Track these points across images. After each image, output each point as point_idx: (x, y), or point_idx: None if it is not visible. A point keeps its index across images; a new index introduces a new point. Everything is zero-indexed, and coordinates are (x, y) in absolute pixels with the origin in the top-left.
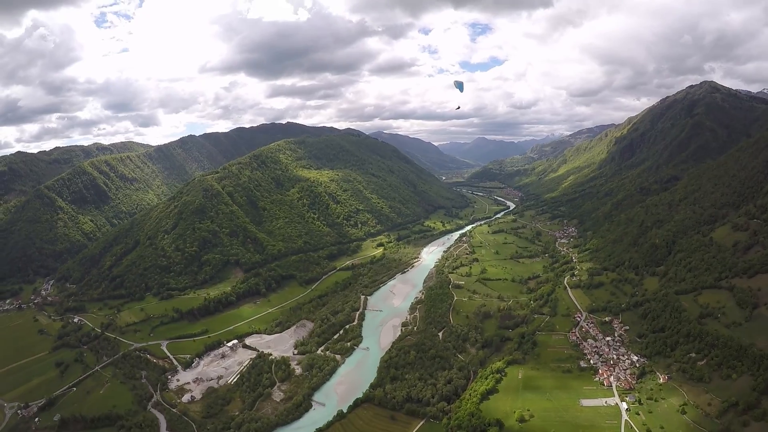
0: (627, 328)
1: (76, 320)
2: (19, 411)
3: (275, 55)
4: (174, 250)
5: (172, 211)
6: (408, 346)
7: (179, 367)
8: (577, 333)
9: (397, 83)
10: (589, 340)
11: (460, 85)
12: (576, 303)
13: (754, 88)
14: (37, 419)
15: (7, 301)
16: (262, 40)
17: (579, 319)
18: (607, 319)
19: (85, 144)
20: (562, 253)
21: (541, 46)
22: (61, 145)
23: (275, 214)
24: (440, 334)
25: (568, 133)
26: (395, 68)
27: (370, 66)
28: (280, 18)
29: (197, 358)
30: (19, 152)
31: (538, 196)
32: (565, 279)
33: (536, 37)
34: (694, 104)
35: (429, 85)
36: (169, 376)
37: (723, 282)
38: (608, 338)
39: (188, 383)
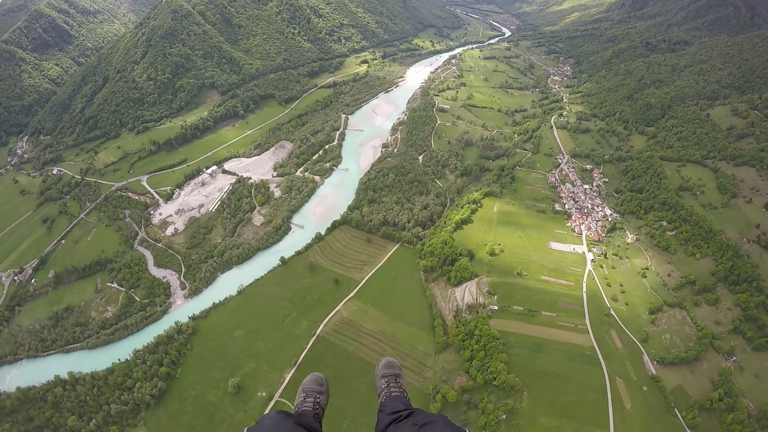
0: (606, 180)
1: (55, 172)
2: (15, 277)
3: None
4: (146, 80)
5: (140, 39)
6: (387, 169)
7: (161, 201)
8: (556, 175)
9: None
10: (567, 184)
11: None
12: (560, 144)
13: None
14: (33, 280)
15: None
16: None
17: (560, 161)
18: (588, 167)
19: None
20: (554, 90)
21: None
22: None
23: (252, 30)
24: (420, 157)
25: None
26: None
27: None
28: None
29: (177, 189)
30: None
31: (536, 27)
32: (553, 118)
33: None
34: None
35: None
36: (152, 211)
37: (709, 161)
38: (586, 186)
39: (171, 215)
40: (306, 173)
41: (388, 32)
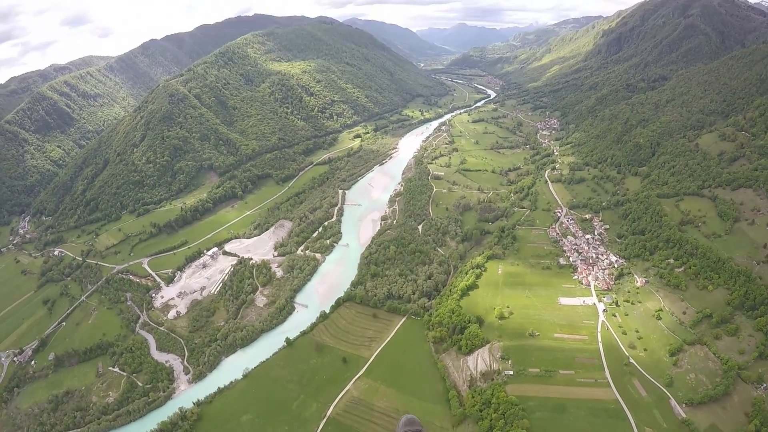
0: (607, 227)
1: (56, 253)
2: (15, 358)
3: None
4: (145, 162)
5: (139, 122)
6: (388, 241)
7: (162, 284)
8: (557, 229)
9: None
10: (568, 236)
11: None
12: (557, 198)
13: None
14: (33, 362)
15: None
16: None
17: (559, 215)
18: (587, 216)
19: (42, 68)
20: (544, 145)
21: None
22: (16, 75)
23: (246, 112)
24: (420, 227)
25: (553, 22)
26: None
27: None
28: None
29: (179, 272)
30: None
31: (520, 85)
32: (546, 172)
33: None
34: (689, 4)
35: None
36: (153, 294)
37: (706, 191)
38: (588, 236)
39: (172, 298)
40: (307, 251)
41: (378, 105)
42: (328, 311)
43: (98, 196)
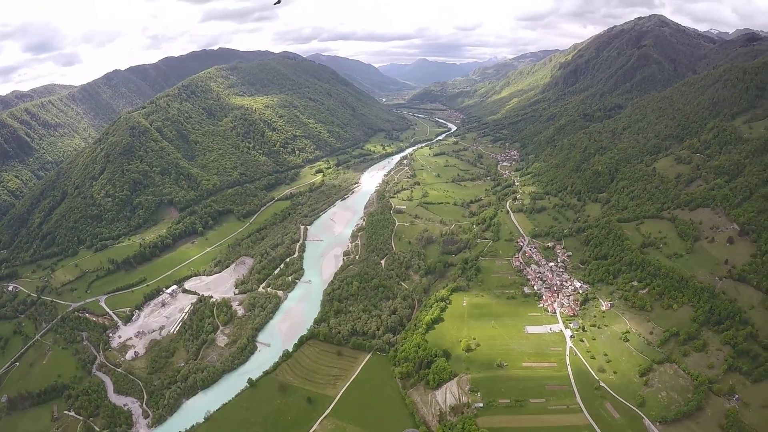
0: (570, 254)
1: (10, 288)
2: None
3: None
4: (104, 196)
5: (99, 154)
6: (351, 277)
7: (120, 323)
8: (520, 258)
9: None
10: (532, 265)
11: None
12: (519, 227)
13: (701, 27)
14: None
15: None
16: None
17: (522, 244)
18: (550, 244)
19: (3, 93)
20: (504, 176)
21: None
22: None
23: (208, 146)
24: (383, 261)
25: (512, 56)
26: None
27: None
28: None
29: (137, 310)
30: None
31: (480, 118)
32: (508, 203)
33: None
34: (641, 36)
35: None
36: (111, 334)
37: (665, 213)
38: (551, 264)
39: (130, 338)
40: (269, 288)
41: (340, 140)
42: (291, 350)
43: (55, 229)
